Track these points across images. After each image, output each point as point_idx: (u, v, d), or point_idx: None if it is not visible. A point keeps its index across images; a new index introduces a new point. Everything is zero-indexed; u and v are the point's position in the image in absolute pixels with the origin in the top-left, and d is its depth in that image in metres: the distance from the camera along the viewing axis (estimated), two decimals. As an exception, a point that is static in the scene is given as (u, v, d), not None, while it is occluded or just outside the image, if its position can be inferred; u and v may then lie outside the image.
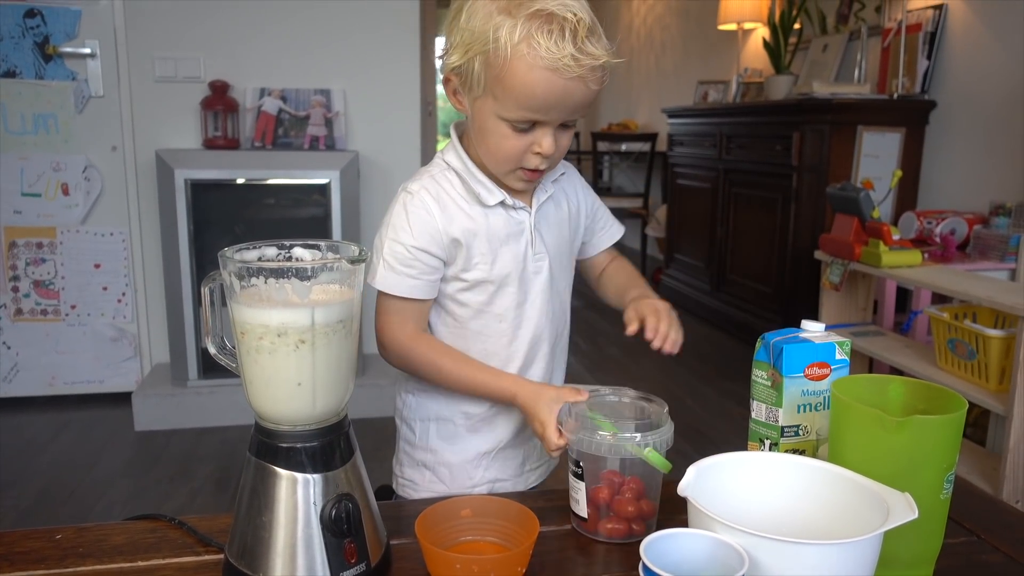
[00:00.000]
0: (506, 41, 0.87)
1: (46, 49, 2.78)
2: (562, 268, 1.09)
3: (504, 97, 0.91)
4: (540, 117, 0.92)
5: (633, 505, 0.83)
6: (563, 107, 0.92)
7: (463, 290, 1.02)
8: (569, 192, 1.11)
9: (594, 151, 5.78)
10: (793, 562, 0.60)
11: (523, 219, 1.03)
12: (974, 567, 0.79)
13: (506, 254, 1.02)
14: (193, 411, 2.79)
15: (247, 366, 0.72)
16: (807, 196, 3.35)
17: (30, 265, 2.89)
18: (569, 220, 1.10)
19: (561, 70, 0.87)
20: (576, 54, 0.87)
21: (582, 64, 0.87)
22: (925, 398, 0.77)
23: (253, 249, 0.74)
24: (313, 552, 0.71)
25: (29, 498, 2.26)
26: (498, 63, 0.89)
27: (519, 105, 0.91)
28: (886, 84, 3.38)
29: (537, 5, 0.87)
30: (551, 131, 0.94)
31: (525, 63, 0.87)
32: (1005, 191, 2.85)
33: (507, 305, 1.04)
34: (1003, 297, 2.02)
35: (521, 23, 0.87)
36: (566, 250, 1.11)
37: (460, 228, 0.99)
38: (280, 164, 2.82)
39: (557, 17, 0.87)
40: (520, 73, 0.88)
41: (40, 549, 0.79)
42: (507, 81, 0.89)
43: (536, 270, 1.05)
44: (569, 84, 0.89)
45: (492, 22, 0.88)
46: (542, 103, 0.90)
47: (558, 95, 0.90)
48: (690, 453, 2.69)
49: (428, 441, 1.09)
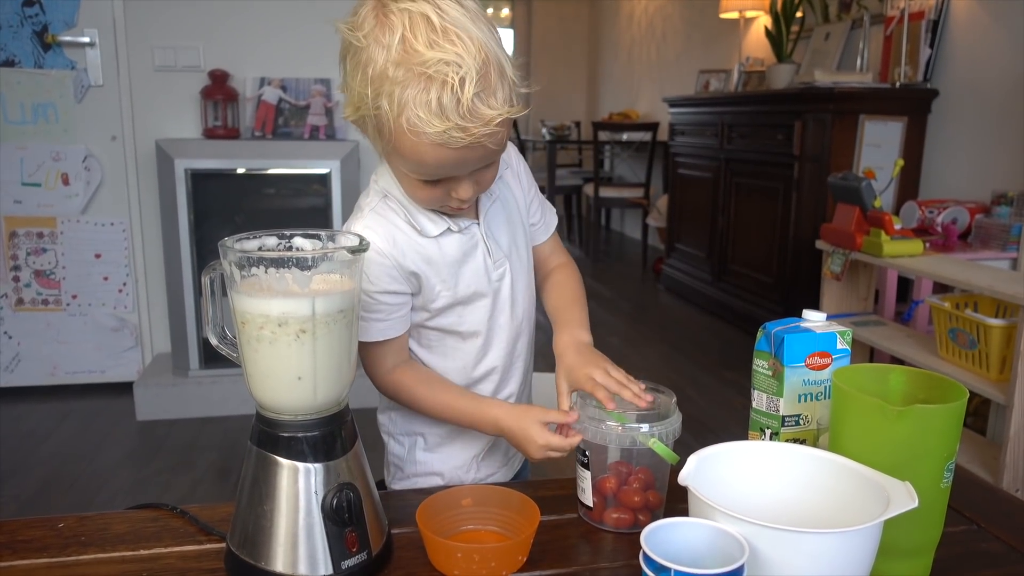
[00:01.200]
0: (387, 112, 0.78)
1: (45, 38, 2.77)
2: (521, 264, 1.05)
3: (400, 161, 0.85)
4: (445, 176, 0.85)
5: (639, 495, 0.83)
6: (465, 167, 0.85)
7: (432, 317, 1.00)
8: (512, 185, 1.06)
9: (595, 140, 5.77)
10: (793, 551, 0.60)
11: (474, 232, 0.99)
12: (974, 556, 0.79)
13: (466, 273, 0.98)
14: (194, 401, 2.79)
15: (248, 356, 0.72)
16: (808, 185, 3.34)
17: (31, 255, 2.89)
18: (518, 212, 1.06)
19: (448, 142, 0.78)
20: (463, 123, 0.77)
21: (472, 132, 0.78)
22: (926, 387, 0.76)
23: (253, 239, 0.74)
24: (315, 541, 0.71)
25: (31, 488, 2.27)
26: (385, 132, 0.81)
27: (415, 171, 0.85)
28: (888, 73, 3.37)
29: (414, 66, 0.76)
30: (466, 180, 0.87)
31: (408, 139, 0.79)
32: (1007, 180, 2.84)
33: (478, 319, 1.01)
34: (1004, 286, 2.02)
35: (398, 91, 0.77)
36: (521, 244, 1.06)
37: (413, 262, 0.95)
38: (280, 154, 2.81)
39: (436, 81, 0.75)
40: (407, 146, 0.80)
41: (42, 538, 0.80)
42: (398, 151, 0.82)
43: (499, 276, 1.01)
44: (462, 152, 0.80)
45: (371, 87, 0.78)
46: (437, 171, 0.84)
47: (453, 163, 0.82)
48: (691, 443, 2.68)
49: (416, 455, 1.08)
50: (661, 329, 4.08)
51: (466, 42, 0.76)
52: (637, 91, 6.72)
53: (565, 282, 1.12)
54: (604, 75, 7.61)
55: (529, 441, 0.90)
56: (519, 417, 0.92)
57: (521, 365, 1.08)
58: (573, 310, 1.06)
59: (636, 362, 3.55)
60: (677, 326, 4.15)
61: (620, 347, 3.75)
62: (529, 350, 1.10)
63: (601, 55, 7.68)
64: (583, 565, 0.77)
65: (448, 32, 0.76)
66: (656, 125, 5.51)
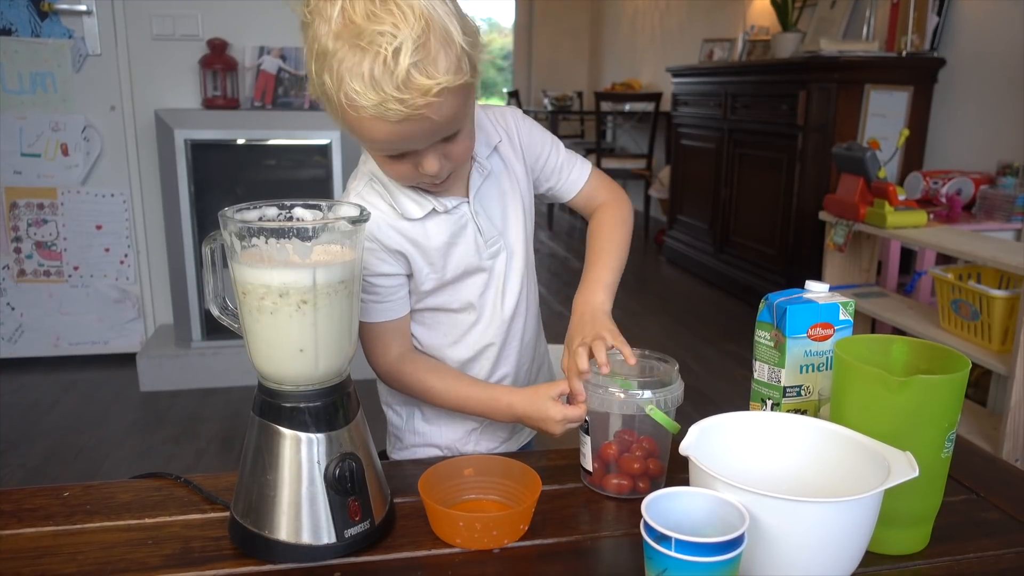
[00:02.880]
0: (330, 88, 0.76)
1: (41, 6, 2.74)
2: (520, 241, 1.03)
3: (358, 138, 0.82)
4: (402, 150, 0.83)
5: (639, 463, 0.83)
6: (414, 142, 0.81)
7: (422, 299, 1.00)
8: (510, 156, 1.03)
9: (597, 111, 5.72)
10: (794, 520, 0.60)
11: (463, 212, 0.96)
12: (973, 524, 0.79)
13: (456, 255, 0.97)
14: (197, 372, 2.80)
15: (249, 327, 0.72)
16: (812, 156, 3.32)
17: (32, 226, 2.89)
18: (517, 186, 1.03)
19: (386, 115, 0.75)
20: (398, 95, 0.74)
21: (409, 104, 0.74)
22: (928, 358, 0.76)
23: (254, 209, 0.74)
24: (318, 510, 0.71)
25: (36, 458, 2.29)
26: (334, 110, 0.79)
27: (371, 148, 0.83)
28: (895, 42, 3.33)
29: (351, 38, 0.73)
30: (429, 153, 0.84)
31: (350, 114, 0.77)
32: (1013, 151, 2.82)
33: (470, 295, 1.00)
34: (1008, 257, 2.01)
35: (336, 66, 0.74)
36: (518, 220, 1.03)
37: (399, 244, 0.94)
38: (280, 124, 2.79)
39: (369, 53, 0.73)
40: (352, 122, 0.78)
41: (48, 506, 0.80)
42: (348, 127, 0.80)
43: (492, 255, 1.00)
44: (403, 126, 0.77)
45: (315, 63, 0.77)
46: (390, 145, 0.81)
47: (398, 137, 0.79)
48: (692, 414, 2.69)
49: (415, 425, 1.08)
50: (663, 301, 4.08)
51: (404, 11, 0.73)
52: (640, 61, 6.65)
53: (597, 230, 1.08)
54: (606, 44, 7.53)
55: (548, 420, 0.90)
56: (532, 399, 0.92)
57: (517, 344, 1.06)
58: (595, 266, 1.03)
59: (638, 333, 3.55)
60: (679, 298, 4.15)
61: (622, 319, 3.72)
62: (530, 329, 1.08)
63: (603, 24, 7.59)
64: (584, 534, 0.77)
65: (388, 1, 0.73)
66: (659, 95, 5.46)
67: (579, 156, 1.12)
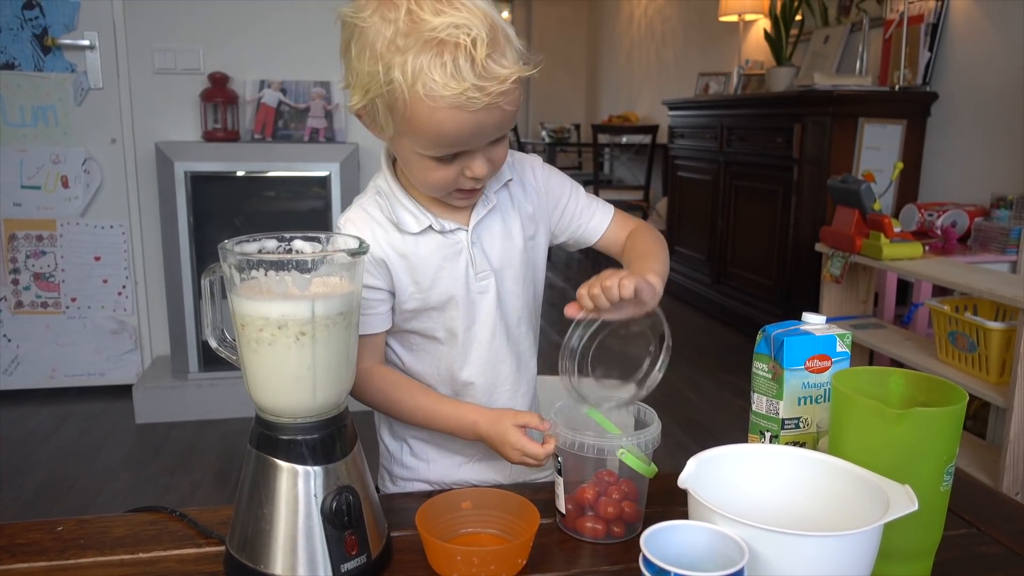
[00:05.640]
0: (400, 83, 0.78)
1: (45, 41, 2.77)
2: (515, 281, 1.00)
3: (416, 137, 0.83)
4: (461, 149, 0.84)
5: (614, 507, 0.81)
6: (483, 135, 0.84)
7: (406, 320, 0.98)
8: (520, 197, 1.01)
9: (595, 143, 5.77)
10: (793, 554, 0.60)
11: (460, 239, 0.96)
12: (974, 559, 0.79)
13: (444, 278, 0.96)
14: (194, 404, 2.79)
15: (247, 359, 0.72)
16: (808, 188, 3.34)
17: (30, 258, 2.89)
18: (522, 228, 1.00)
19: (466, 104, 0.78)
20: (479, 83, 0.77)
21: (489, 92, 0.78)
22: (925, 390, 0.76)
23: (253, 241, 0.74)
24: (314, 544, 0.71)
25: (30, 490, 2.27)
26: (399, 107, 0.80)
27: (433, 144, 0.83)
28: (888, 76, 3.37)
29: (424, 33, 0.76)
30: (479, 155, 0.86)
31: (425, 106, 0.78)
32: (1006, 183, 2.84)
33: (453, 328, 0.98)
34: (1004, 289, 2.02)
35: (411, 59, 0.77)
36: (520, 262, 1.00)
37: (387, 254, 0.94)
38: (280, 156, 2.81)
39: (448, 44, 0.76)
40: (423, 115, 0.79)
41: (41, 541, 0.80)
42: (413, 123, 0.81)
43: (481, 290, 0.97)
44: (480, 115, 0.79)
45: (381, 62, 0.78)
46: (456, 139, 0.82)
47: (471, 128, 0.81)
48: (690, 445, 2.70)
49: (403, 459, 1.06)
50: (661, 332, 4.08)
51: (470, 7, 0.78)
52: (636, 94, 6.73)
53: (632, 243, 1.05)
54: (603, 77, 7.62)
55: (506, 445, 0.91)
56: (495, 421, 0.92)
57: (507, 389, 1.03)
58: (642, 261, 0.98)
59: (636, 365, 3.54)
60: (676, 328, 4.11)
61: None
62: (520, 378, 1.04)
63: (600, 57, 7.69)
64: (583, 568, 0.77)
65: (452, 1, 0.78)
66: (655, 128, 5.51)
67: (601, 200, 1.10)
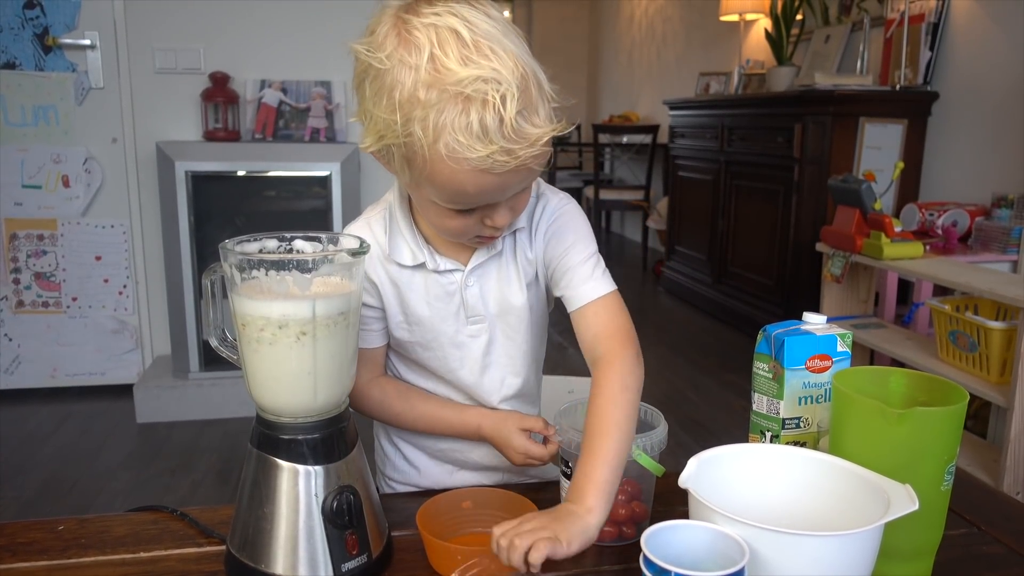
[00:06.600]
0: (420, 139, 0.70)
1: (46, 40, 2.77)
2: (515, 330, 0.94)
3: (433, 191, 0.75)
4: (485, 203, 0.77)
5: (625, 508, 0.82)
6: (508, 192, 0.76)
7: (397, 344, 0.95)
8: (525, 243, 0.91)
9: (595, 143, 5.77)
10: (794, 554, 0.60)
11: (454, 280, 0.89)
12: (974, 559, 0.79)
13: (432, 317, 0.91)
14: (195, 403, 2.79)
15: (248, 358, 0.72)
16: (809, 188, 3.34)
17: (31, 257, 2.89)
18: (521, 275, 0.91)
19: (492, 168, 0.70)
20: (507, 145, 0.68)
21: (518, 155, 0.69)
22: (926, 390, 0.76)
23: (254, 241, 0.74)
24: (315, 544, 0.71)
25: (31, 490, 2.27)
26: (418, 161, 0.72)
27: (451, 200, 0.76)
28: (888, 75, 3.37)
29: (449, 86, 0.67)
30: (503, 206, 0.78)
31: (447, 166, 0.70)
32: (1007, 183, 2.84)
33: (438, 368, 0.94)
34: (1004, 289, 2.02)
35: (432, 115, 0.68)
36: (517, 311, 0.92)
37: (379, 277, 0.90)
38: (281, 156, 2.81)
39: (475, 101, 0.67)
40: (445, 175, 0.71)
41: (42, 540, 0.80)
42: (433, 180, 0.73)
43: (472, 334, 0.92)
44: (506, 177, 0.72)
45: (400, 113, 0.70)
46: (477, 198, 0.75)
47: (494, 188, 0.74)
48: (691, 445, 2.70)
49: (396, 462, 1.05)
50: (661, 331, 4.08)
51: (501, 56, 0.69)
52: (637, 93, 6.73)
53: (596, 408, 0.81)
54: (604, 77, 7.61)
55: (509, 447, 0.91)
56: (500, 424, 0.92)
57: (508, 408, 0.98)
58: (584, 469, 0.75)
59: (636, 364, 3.54)
60: (677, 328, 4.14)
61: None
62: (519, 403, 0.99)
63: (601, 57, 7.69)
64: (583, 568, 0.77)
65: (481, 47, 0.68)
66: (656, 127, 5.51)
67: (607, 274, 0.91)
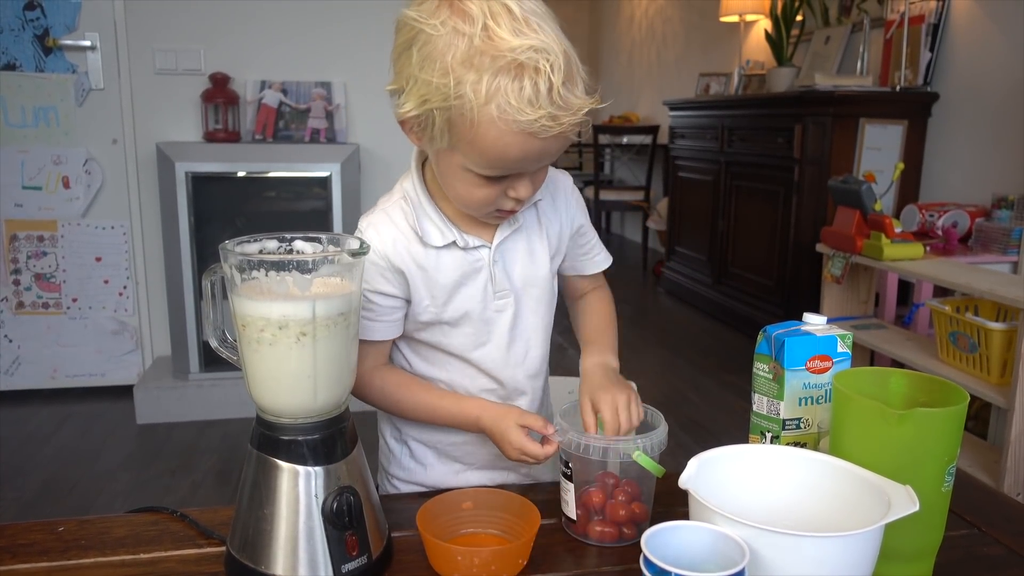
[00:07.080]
0: (471, 101, 0.75)
1: (46, 42, 2.77)
2: (537, 301, 1.00)
3: (472, 155, 0.80)
4: (515, 171, 0.82)
5: (625, 509, 0.82)
6: (542, 161, 0.83)
7: (419, 330, 0.97)
8: (549, 215, 0.99)
9: (595, 144, 5.77)
10: (794, 555, 0.60)
11: (481, 256, 0.94)
12: (975, 560, 0.79)
13: (461, 295, 0.94)
14: (195, 404, 2.79)
15: (248, 359, 0.72)
16: (809, 189, 3.34)
17: (31, 258, 2.89)
18: (547, 247, 0.99)
19: (538, 132, 0.76)
20: (554, 111, 0.75)
21: (562, 122, 0.76)
22: (926, 391, 0.76)
23: (254, 242, 0.74)
24: (315, 544, 0.71)
25: (31, 491, 2.27)
26: (463, 124, 0.77)
27: (489, 165, 0.80)
28: (888, 76, 3.37)
29: (504, 53, 0.73)
30: (527, 177, 0.84)
31: (496, 128, 0.76)
32: (1007, 184, 2.84)
33: (464, 345, 0.97)
34: (1005, 290, 2.02)
35: (486, 80, 0.74)
36: (540, 282, 0.99)
37: (406, 264, 0.92)
38: (281, 157, 2.81)
39: (528, 68, 0.73)
40: (491, 137, 0.76)
41: (42, 541, 0.80)
42: (476, 143, 0.78)
43: (499, 308, 0.96)
44: (548, 142, 0.78)
45: (451, 76, 0.75)
46: (516, 163, 0.80)
47: (536, 153, 0.79)
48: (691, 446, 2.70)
49: (403, 460, 1.06)
50: (661, 332, 4.08)
51: (547, 31, 0.76)
52: (637, 94, 6.73)
53: (598, 305, 1.11)
54: (604, 78, 7.61)
55: (505, 441, 0.91)
56: (499, 417, 0.92)
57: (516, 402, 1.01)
58: (605, 334, 1.07)
59: (636, 366, 3.54)
60: (677, 329, 4.14)
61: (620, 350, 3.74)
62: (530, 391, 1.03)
63: (601, 58, 7.69)
64: (584, 569, 0.77)
65: (530, 21, 0.75)
66: (656, 128, 5.51)
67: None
